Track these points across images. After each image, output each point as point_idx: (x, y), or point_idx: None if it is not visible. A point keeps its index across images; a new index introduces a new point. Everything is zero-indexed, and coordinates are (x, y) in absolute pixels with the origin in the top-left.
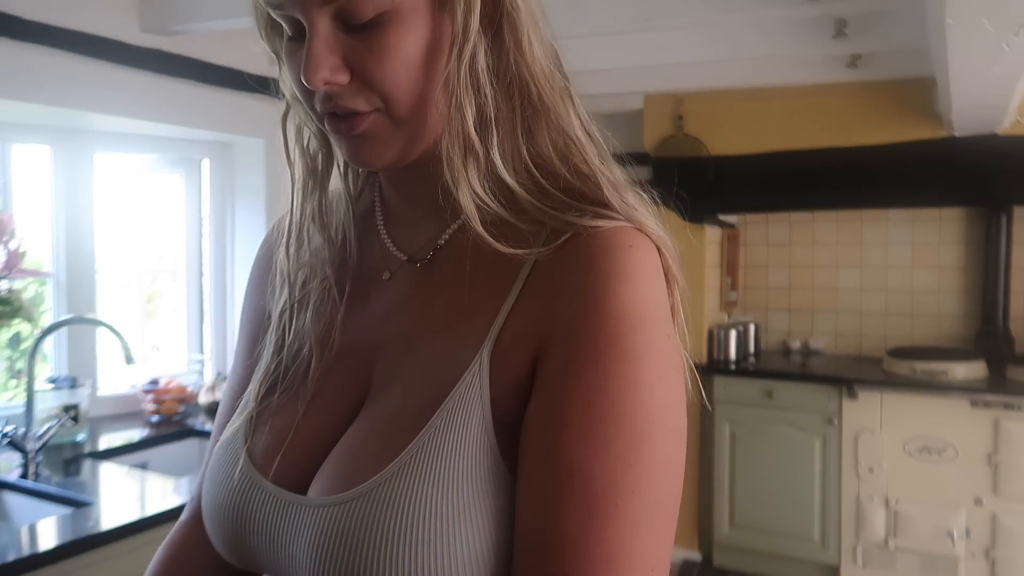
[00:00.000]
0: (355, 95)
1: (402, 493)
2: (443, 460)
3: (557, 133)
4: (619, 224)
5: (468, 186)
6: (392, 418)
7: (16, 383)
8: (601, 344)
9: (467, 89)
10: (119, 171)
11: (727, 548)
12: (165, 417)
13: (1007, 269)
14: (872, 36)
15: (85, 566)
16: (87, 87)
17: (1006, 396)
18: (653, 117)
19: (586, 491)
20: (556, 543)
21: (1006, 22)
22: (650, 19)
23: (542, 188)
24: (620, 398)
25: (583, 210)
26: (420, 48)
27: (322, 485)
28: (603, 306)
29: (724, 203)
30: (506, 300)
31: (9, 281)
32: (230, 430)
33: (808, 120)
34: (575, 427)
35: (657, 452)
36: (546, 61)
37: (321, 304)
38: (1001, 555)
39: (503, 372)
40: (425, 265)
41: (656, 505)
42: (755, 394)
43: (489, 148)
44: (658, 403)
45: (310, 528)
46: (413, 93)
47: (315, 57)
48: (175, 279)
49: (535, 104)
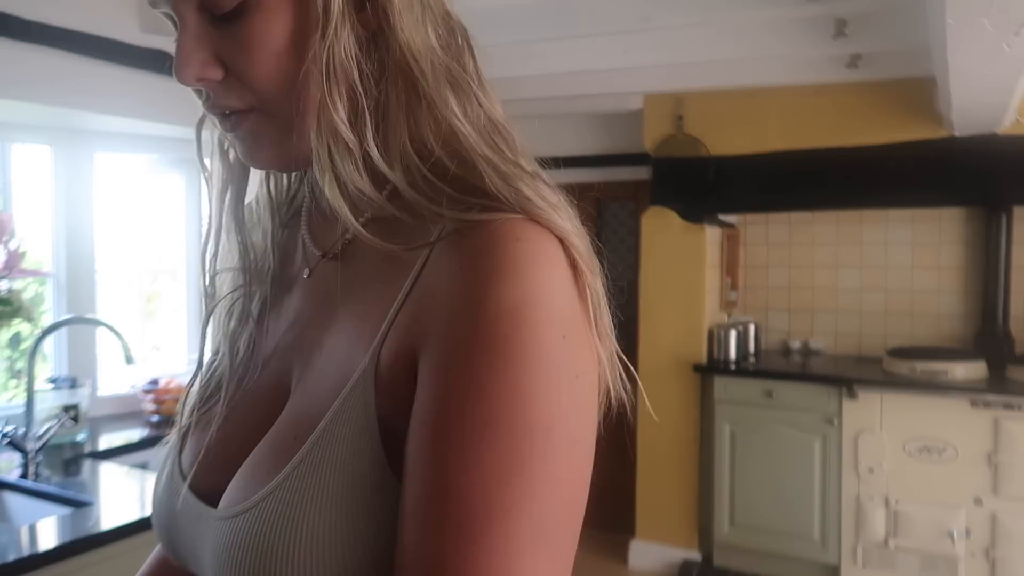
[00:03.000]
0: (229, 92)
1: (281, 505)
2: (322, 471)
3: (440, 121)
4: (507, 217)
5: (334, 179)
6: (293, 426)
7: (16, 383)
8: (476, 346)
9: (335, 76)
10: (119, 171)
11: (727, 548)
12: (165, 417)
13: (1007, 269)
14: (872, 36)
15: (85, 566)
16: (87, 87)
17: (1006, 396)
18: (653, 117)
19: (457, 510)
20: (425, 564)
21: (1006, 22)
22: (650, 19)
23: (427, 180)
24: (496, 407)
25: (468, 203)
26: (286, 36)
27: (228, 497)
28: (478, 305)
29: (724, 203)
30: (395, 302)
31: (9, 281)
32: (166, 442)
33: (808, 120)
34: (446, 440)
35: (540, 467)
36: (427, 45)
37: (241, 313)
38: (1001, 555)
39: (388, 379)
40: (336, 260)
41: (541, 526)
42: (755, 394)
43: (364, 139)
44: (544, 412)
45: (212, 540)
46: (284, 85)
47: (184, 53)
48: (175, 279)
49: (415, 91)
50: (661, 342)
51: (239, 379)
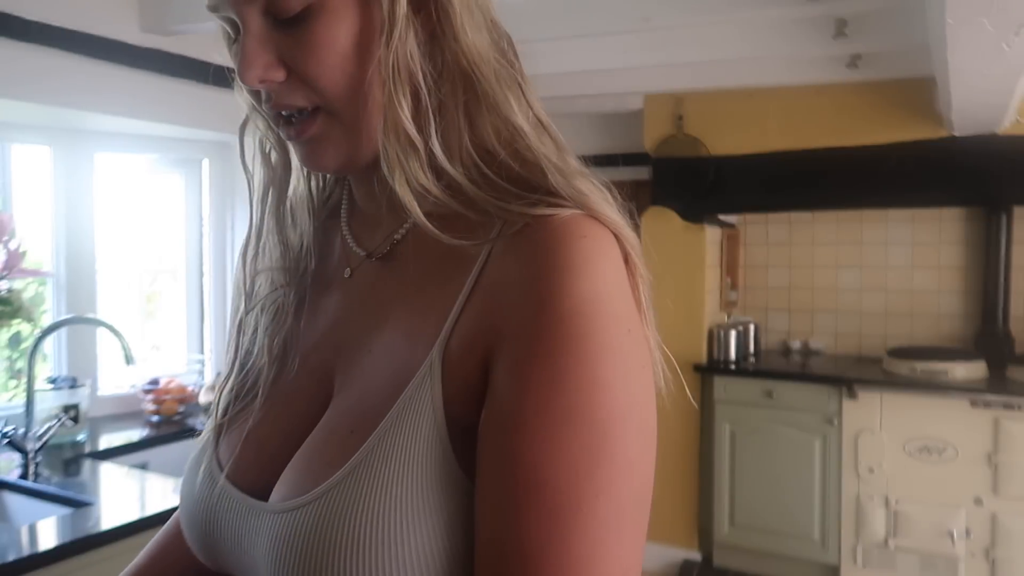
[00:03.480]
0: (293, 92)
1: (350, 499)
2: (392, 464)
3: (500, 121)
4: (571, 213)
5: (405, 177)
6: (348, 421)
7: (16, 383)
8: (555, 342)
9: (400, 78)
10: (119, 171)
11: (727, 548)
12: (165, 417)
13: (1007, 269)
14: (872, 36)
15: (85, 566)
16: (87, 87)
17: (1006, 396)
18: (653, 117)
19: (547, 498)
20: (519, 554)
21: (1006, 22)
22: (650, 19)
23: (487, 178)
24: (578, 399)
25: (531, 199)
26: (351, 39)
27: (281, 491)
28: (555, 302)
29: (724, 203)
30: (459, 296)
31: (9, 281)
32: (201, 438)
33: (808, 120)
34: (531, 431)
35: (621, 453)
36: (486, 47)
37: (279, 312)
38: (1001, 555)
39: (455, 373)
40: (383, 260)
41: (623, 508)
42: (755, 394)
43: (428, 138)
44: (619, 401)
45: (267, 534)
46: (349, 86)
47: (248, 55)
48: (175, 279)
49: (475, 91)
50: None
51: (275, 377)
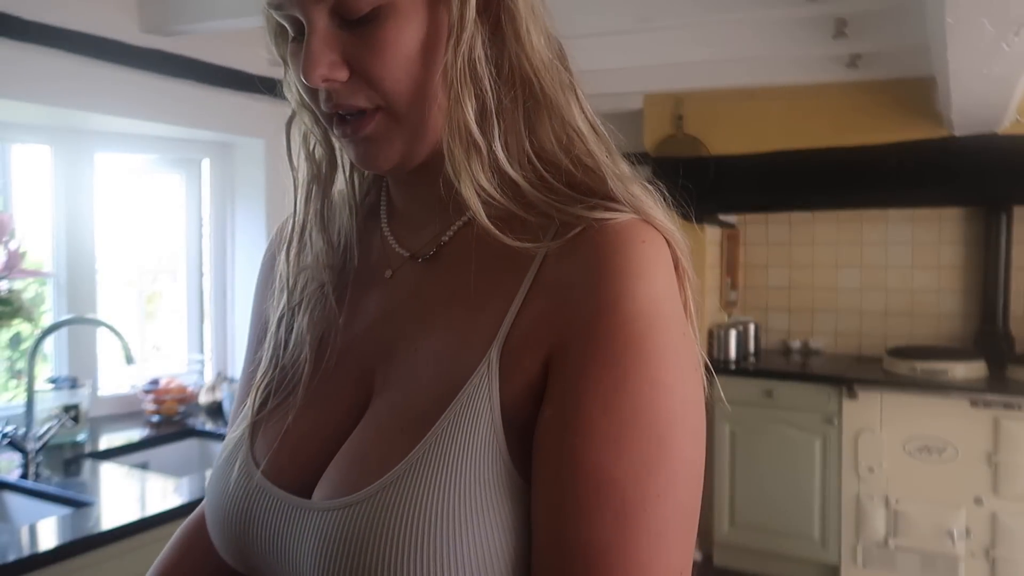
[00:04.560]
0: (356, 92)
1: (407, 497)
2: (450, 463)
3: (560, 125)
4: (629, 218)
5: (471, 179)
6: (397, 420)
7: (16, 383)
8: (618, 345)
9: (466, 81)
10: (119, 171)
11: (727, 548)
12: (165, 417)
13: (1007, 269)
14: (872, 36)
15: (85, 566)
16: (87, 87)
17: (1006, 396)
18: (653, 117)
19: (613, 498)
20: (585, 553)
21: (1006, 22)
22: (650, 19)
23: (546, 181)
24: (640, 400)
25: (591, 203)
26: (418, 41)
27: (327, 489)
28: (618, 305)
29: (724, 203)
30: (515, 297)
31: (9, 281)
32: (233, 436)
33: (808, 120)
34: (596, 432)
35: (680, 454)
36: (547, 52)
37: (320, 307)
38: (1001, 555)
39: (513, 373)
40: (428, 262)
41: (682, 508)
42: (755, 394)
43: (491, 141)
44: (678, 404)
45: (314, 532)
46: (413, 88)
47: (314, 54)
48: (175, 279)
49: (536, 96)
50: None
51: (313, 375)
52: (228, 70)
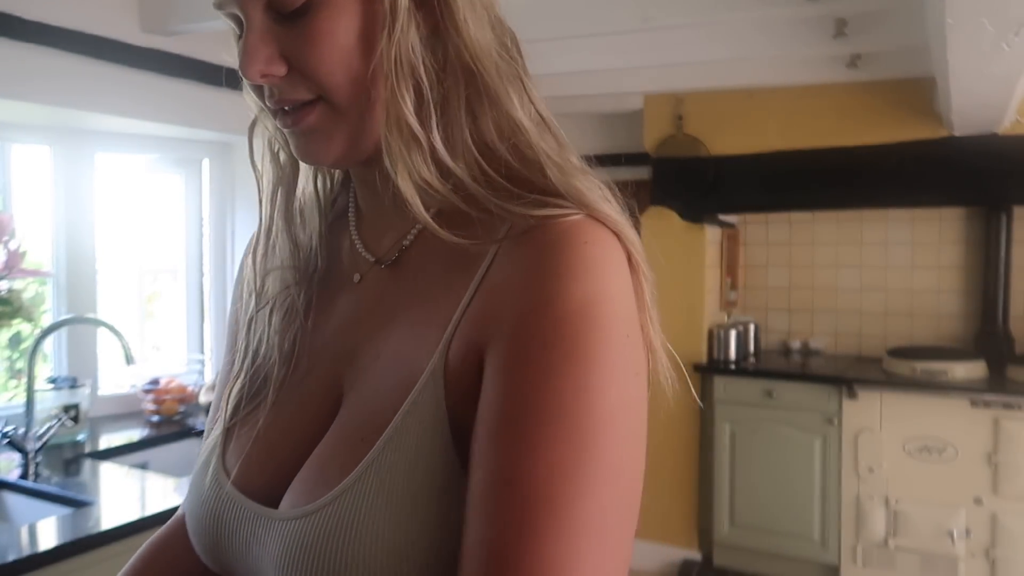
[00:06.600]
0: (296, 86)
1: (355, 505)
2: (397, 472)
3: (501, 117)
4: (575, 217)
5: (408, 171)
6: (358, 428)
7: (16, 383)
8: (546, 342)
9: (402, 71)
10: (119, 171)
11: (727, 548)
12: (165, 417)
13: (1007, 269)
14: (872, 36)
15: (85, 566)
16: (87, 87)
17: (1006, 396)
18: (653, 117)
19: (524, 499)
20: (493, 556)
21: (1006, 22)
22: (650, 19)
23: (488, 175)
24: (564, 399)
25: (534, 200)
26: (353, 32)
27: (291, 498)
28: (550, 302)
29: (724, 203)
30: (462, 299)
31: (9, 281)
32: (208, 442)
33: (808, 120)
34: (512, 430)
35: (607, 458)
36: (488, 41)
37: (289, 311)
38: (1001, 555)
39: (457, 377)
40: (392, 266)
41: (604, 514)
42: (755, 394)
43: (430, 132)
44: (608, 406)
45: (277, 541)
46: (350, 79)
47: (250, 49)
48: (175, 279)
49: (477, 86)
50: None
51: (284, 379)
52: (228, 70)
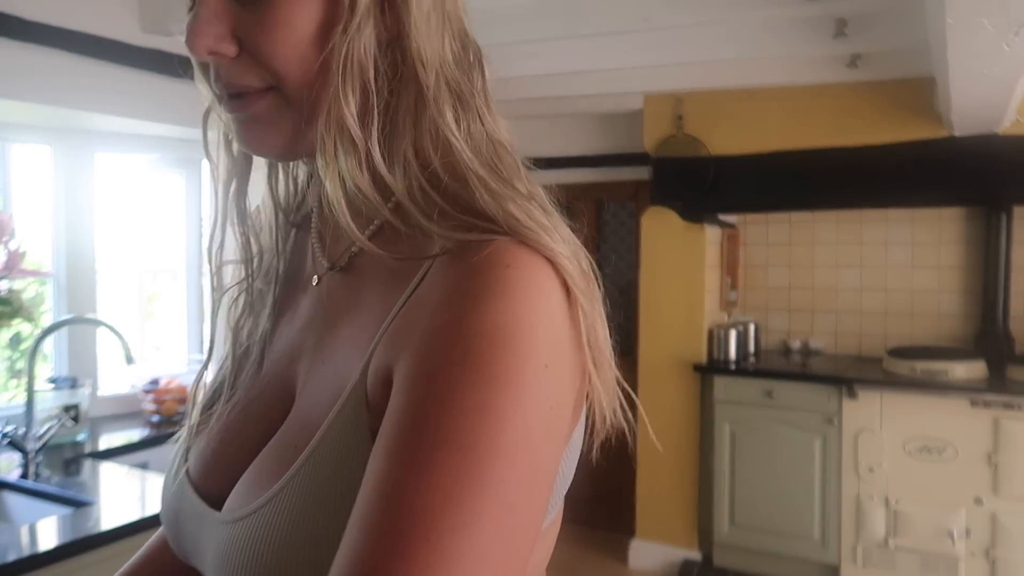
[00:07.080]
0: (246, 70)
1: (277, 516)
2: (318, 484)
3: (437, 133)
4: (497, 240)
5: (336, 171)
6: (294, 434)
7: (16, 383)
8: (451, 359)
9: (350, 70)
10: (119, 171)
11: (727, 548)
12: (165, 417)
13: (1007, 269)
14: (872, 36)
15: (85, 566)
16: (87, 87)
17: (1006, 396)
18: (653, 117)
19: (398, 521)
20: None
21: (1006, 22)
22: (650, 19)
23: (423, 191)
24: (462, 422)
25: (461, 222)
26: (313, 23)
27: (231, 500)
28: (461, 321)
29: (724, 203)
30: (389, 314)
31: (9, 281)
32: (179, 440)
33: (808, 120)
34: (402, 449)
35: (496, 492)
36: (438, 53)
37: (245, 308)
38: (1001, 555)
39: (374, 393)
40: (343, 271)
41: (486, 552)
42: (755, 394)
43: (368, 137)
44: (511, 437)
45: (213, 543)
46: (304, 70)
47: (199, 23)
48: (175, 279)
49: (425, 99)
50: (661, 342)
51: (244, 378)
52: None
